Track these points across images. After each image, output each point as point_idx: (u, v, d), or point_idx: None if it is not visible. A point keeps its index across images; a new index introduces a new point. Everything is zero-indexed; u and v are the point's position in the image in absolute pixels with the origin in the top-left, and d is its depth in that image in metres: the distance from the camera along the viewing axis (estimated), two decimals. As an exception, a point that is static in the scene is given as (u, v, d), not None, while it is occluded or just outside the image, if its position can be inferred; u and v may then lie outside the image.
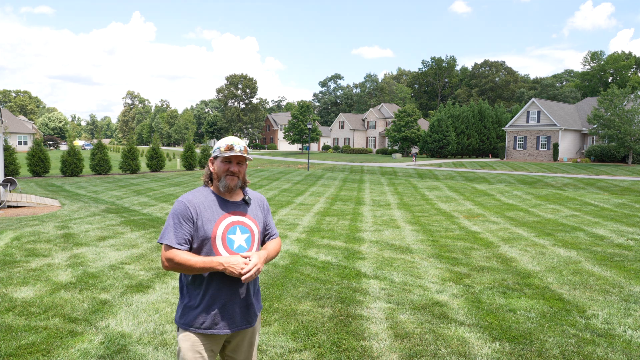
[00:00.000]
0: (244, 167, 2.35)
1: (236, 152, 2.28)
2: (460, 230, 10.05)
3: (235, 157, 2.30)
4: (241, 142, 2.34)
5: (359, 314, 4.87)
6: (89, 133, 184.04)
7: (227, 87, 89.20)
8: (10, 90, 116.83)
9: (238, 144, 2.30)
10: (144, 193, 17.33)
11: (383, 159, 51.04)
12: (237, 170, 2.31)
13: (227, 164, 2.30)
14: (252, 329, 2.43)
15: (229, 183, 2.30)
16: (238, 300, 2.29)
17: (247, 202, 2.40)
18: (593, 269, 6.81)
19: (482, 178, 26.68)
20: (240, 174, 2.33)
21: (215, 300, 2.24)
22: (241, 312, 2.31)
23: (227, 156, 2.28)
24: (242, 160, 2.33)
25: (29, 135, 64.35)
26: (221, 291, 2.25)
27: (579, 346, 4.13)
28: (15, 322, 4.47)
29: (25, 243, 8.00)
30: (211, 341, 2.28)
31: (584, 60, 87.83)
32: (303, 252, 7.77)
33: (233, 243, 2.28)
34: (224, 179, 2.30)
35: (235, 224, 2.31)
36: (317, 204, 14.59)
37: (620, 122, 36.69)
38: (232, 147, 2.28)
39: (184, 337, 2.27)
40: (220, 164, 2.31)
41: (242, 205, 2.38)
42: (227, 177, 2.30)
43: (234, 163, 2.31)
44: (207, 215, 2.26)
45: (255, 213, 2.42)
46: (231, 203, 2.35)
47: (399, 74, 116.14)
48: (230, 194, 2.36)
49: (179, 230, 2.22)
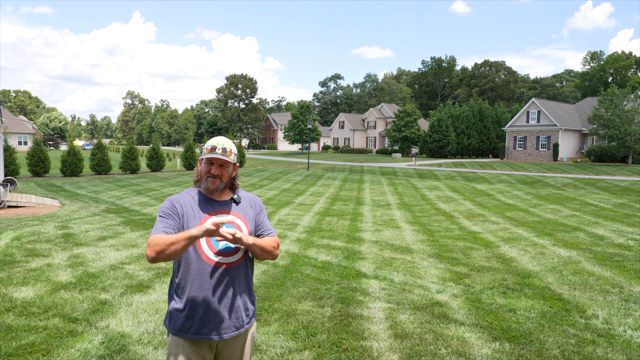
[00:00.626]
0: (229, 169, 2.27)
1: (217, 154, 2.20)
2: (460, 230, 10.05)
3: (216, 159, 2.23)
4: (227, 142, 2.25)
5: (359, 314, 4.87)
6: (89, 133, 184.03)
7: (227, 87, 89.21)
8: (10, 90, 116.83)
9: (221, 145, 2.23)
10: (144, 193, 17.33)
11: (383, 159, 51.04)
12: (218, 172, 2.23)
13: (208, 165, 2.24)
14: (245, 337, 2.33)
15: (209, 185, 2.24)
16: (223, 303, 2.20)
17: (236, 201, 2.32)
18: (593, 269, 6.81)
19: (482, 178, 26.68)
20: (223, 176, 2.25)
21: (199, 303, 2.17)
22: (228, 316, 2.21)
23: (208, 157, 2.22)
24: (225, 162, 2.25)
25: (29, 135, 64.35)
26: (204, 293, 2.17)
27: (579, 346, 4.13)
28: (15, 322, 4.47)
29: (25, 243, 8.00)
30: (200, 347, 2.21)
31: (584, 60, 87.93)
32: (303, 252, 7.77)
33: (218, 243, 2.21)
34: (204, 181, 2.25)
35: None
36: (317, 204, 14.59)
37: (620, 122, 36.69)
38: (215, 147, 2.22)
39: (172, 341, 2.22)
40: (203, 165, 2.26)
41: (229, 203, 2.31)
42: (207, 179, 2.24)
43: (216, 165, 2.23)
44: (192, 213, 2.21)
45: (245, 211, 2.34)
46: (218, 202, 2.29)
47: (399, 74, 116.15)
48: (215, 195, 2.29)
49: (164, 223, 2.16)
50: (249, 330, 2.35)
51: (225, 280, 2.21)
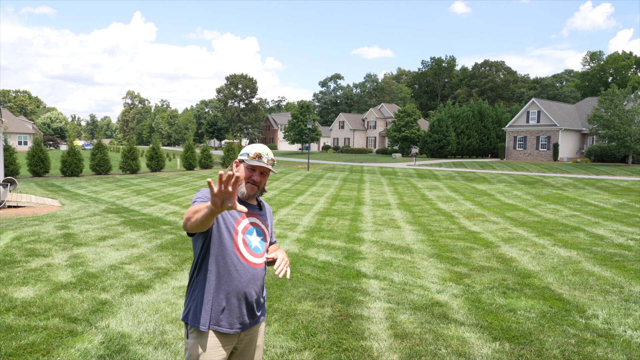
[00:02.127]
0: (267, 177, 2.34)
1: (263, 163, 2.26)
2: (460, 230, 10.05)
3: (261, 167, 2.28)
4: (270, 153, 2.32)
5: (359, 314, 4.87)
6: (89, 133, 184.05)
7: (227, 87, 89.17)
8: (9, 90, 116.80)
9: (267, 155, 2.28)
10: (144, 193, 17.32)
11: (383, 159, 51.03)
12: (259, 180, 2.29)
13: (251, 171, 2.28)
14: (258, 332, 2.40)
15: (248, 191, 2.29)
16: (244, 297, 2.25)
17: (261, 207, 2.43)
18: (593, 269, 6.80)
19: (482, 178, 26.67)
20: (261, 184, 2.32)
21: (224, 295, 2.21)
22: (248, 311, 2.28)
23: (253, 164, 2.26)
24: (267, 171, 2.30)
25: (29, 135, 64.35)
26: (227, 285, 2.21)
27: (579, 346, 4.13)
28: (15, 322, 4.47)
29: (25, 243, 8.00)
30: (222, 339, 2.22)
31: (584, 61, 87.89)
32: (303, 252, 7.77)
33: (250, 243, 2.28)
34: (243, 186, 2.29)
35: (253, 225, 2.33)
36: (317, 204, 14.59)
37: (620, 122, 36.68)
38: (261, 156, 2.26)
39: (193, 336, 2.22)
40: (245, 170, 2.29)
41: (257, 208, 2.40)
42: (247, 184, 2.28)
43: (258, 172, 2.28)
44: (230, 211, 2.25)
45: (267, 218, 2.45)
46: (249, 205, 2.35)
47: (399, 74, 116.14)
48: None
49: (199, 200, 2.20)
50: (261, 324, 2.46)
51: (253, 278, 2.28)
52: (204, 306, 2.22)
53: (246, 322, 2.29)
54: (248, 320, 2.29)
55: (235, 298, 2.22)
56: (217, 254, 2.22)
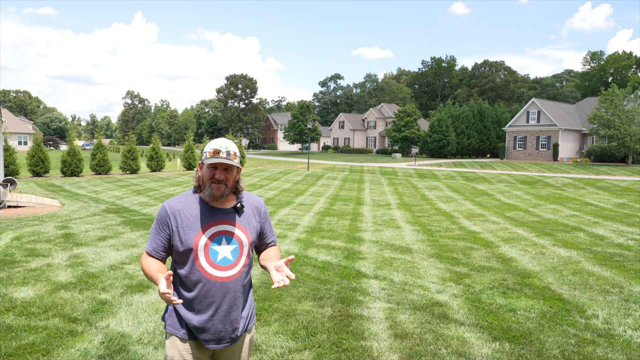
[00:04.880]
0: (233, 172, 2.13)
1: (222, 159, 2.06)
2: (460, 230, 10.05)
3: (221, 163, 2.08)
4: (230, 145, 2.10)
5: (359, 314, 4.87)
6: (89, 133, 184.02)
7: (227, 87, 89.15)
8: (9, 90, 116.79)
9: (225, 148, 2.07)
10: (144, 193, 17.32)
11: (383, 159, 51.02)
12: (223, 177, 2.09)
13: (212, 170, 2.09)
14: (242, 341, 2.26)
15: (214, 192, 2.09)
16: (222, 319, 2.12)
17: (239, 210, 2.18)
18: (593, 269, 6.80)
19: (482, 178, 26.67)
20: (228, 181, 2.11)
21: (194, 313, 2.11)
22: (223, 327, 2.13)
23: (211, 162, 2.07)
24: (230, 166, 2.11)
25: (29, 135, 64.35)
26: (198, 304, 2.10)
27: (579, 346, 4.13)
28: (15, 322, 4.47)
29: (25, 243, 8.00)
30: (199, 350, 2.15)
31: (584, 61, 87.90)
32: (303, 252, 7.77)
33: (217, 254, 2.10)
34: (208, 187, 2.10)
35: (221, 233, 2.12)
36: (317, 204, 14.59)
37: (620, 122, 36.68)
38: (219, 151, 2.06)
39: (170, 342, 2.16)
40: (206, 170, 2.10)
41: (231, 213, 2.17)
42: (212, 184, 2.09)
43: (220, 169, 2.09)
44: (189, 223, 2.09)
45: (248, 221, 2.21)
46: (219, 210, 2.15)
47: (399, 74, 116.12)
48: (219, 201, 2.16)
49: (157, 237, 2.13)
50: (247, 334, 2.30)
51: (226, 292, 2.12)
52: (179, 318, 2.16)
53: (224, 338, 2.14)
54: (226, 337, 2.15)
55: (208, 315, 2.10)
56: (183, 274, 2.12)
